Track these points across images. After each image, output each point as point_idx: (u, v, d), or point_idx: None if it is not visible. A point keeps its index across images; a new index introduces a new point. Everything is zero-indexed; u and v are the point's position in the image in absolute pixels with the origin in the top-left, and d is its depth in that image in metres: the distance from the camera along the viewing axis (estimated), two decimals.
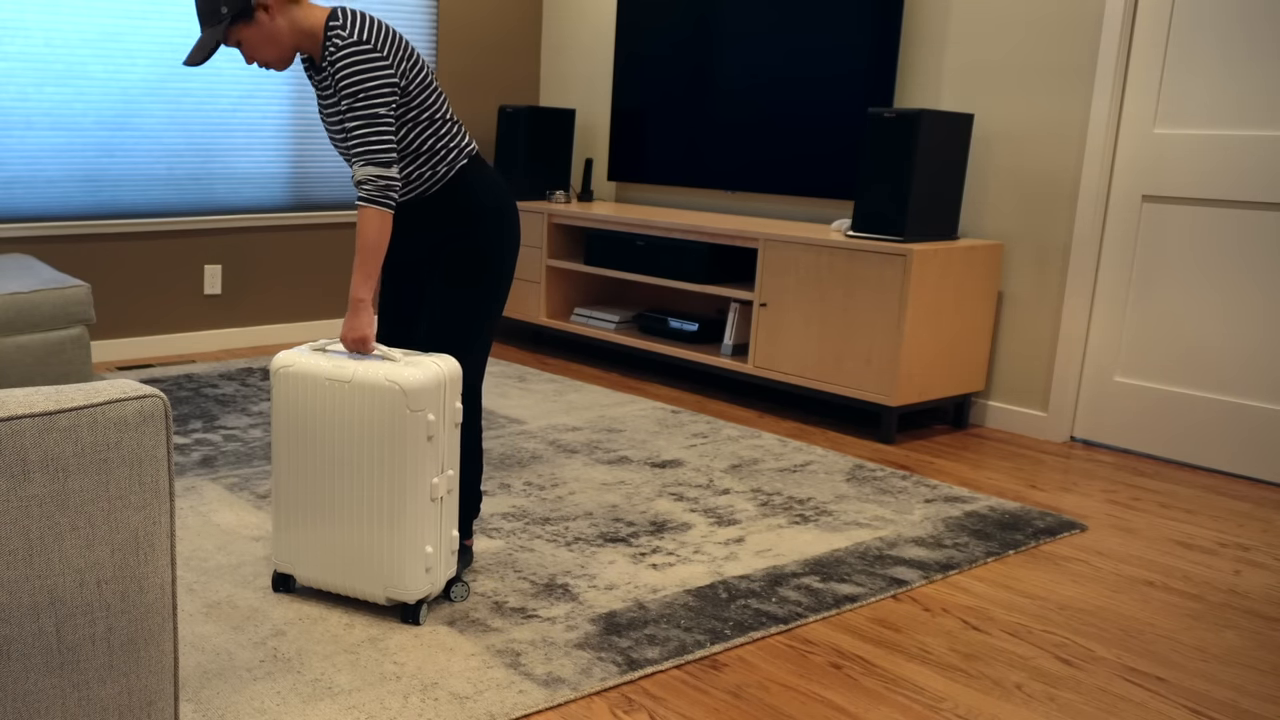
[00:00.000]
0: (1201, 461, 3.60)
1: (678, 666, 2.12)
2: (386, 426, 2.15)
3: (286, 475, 2.27)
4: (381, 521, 2.19)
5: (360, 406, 2.17)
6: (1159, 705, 2.07)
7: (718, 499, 3.07)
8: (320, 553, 2.26)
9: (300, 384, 2.23)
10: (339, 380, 2.19)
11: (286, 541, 2.30)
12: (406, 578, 2.20)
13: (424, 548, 2.21)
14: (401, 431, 2.14)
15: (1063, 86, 3.73)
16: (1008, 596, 2.53)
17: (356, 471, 2.19)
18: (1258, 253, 3.43)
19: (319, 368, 2.21)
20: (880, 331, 3.68)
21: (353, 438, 2.19)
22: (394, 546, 2.19)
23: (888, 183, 3.69)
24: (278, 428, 2.27)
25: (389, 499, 2.18)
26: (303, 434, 2.24)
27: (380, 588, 2.22)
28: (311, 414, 2.22)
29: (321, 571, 2.27)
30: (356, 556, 2.23)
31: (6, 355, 3.03)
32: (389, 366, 2.16)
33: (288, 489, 2.27)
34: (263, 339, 4.95)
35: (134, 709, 1.31)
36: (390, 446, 2.16)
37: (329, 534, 2.25)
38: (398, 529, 2.18)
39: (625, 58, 5.10)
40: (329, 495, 2.23)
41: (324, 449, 2.22)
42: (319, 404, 2.21)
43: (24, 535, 1.19)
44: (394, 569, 2.20)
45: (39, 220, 4.28)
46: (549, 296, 4.91)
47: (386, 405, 2.14)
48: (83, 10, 4.23)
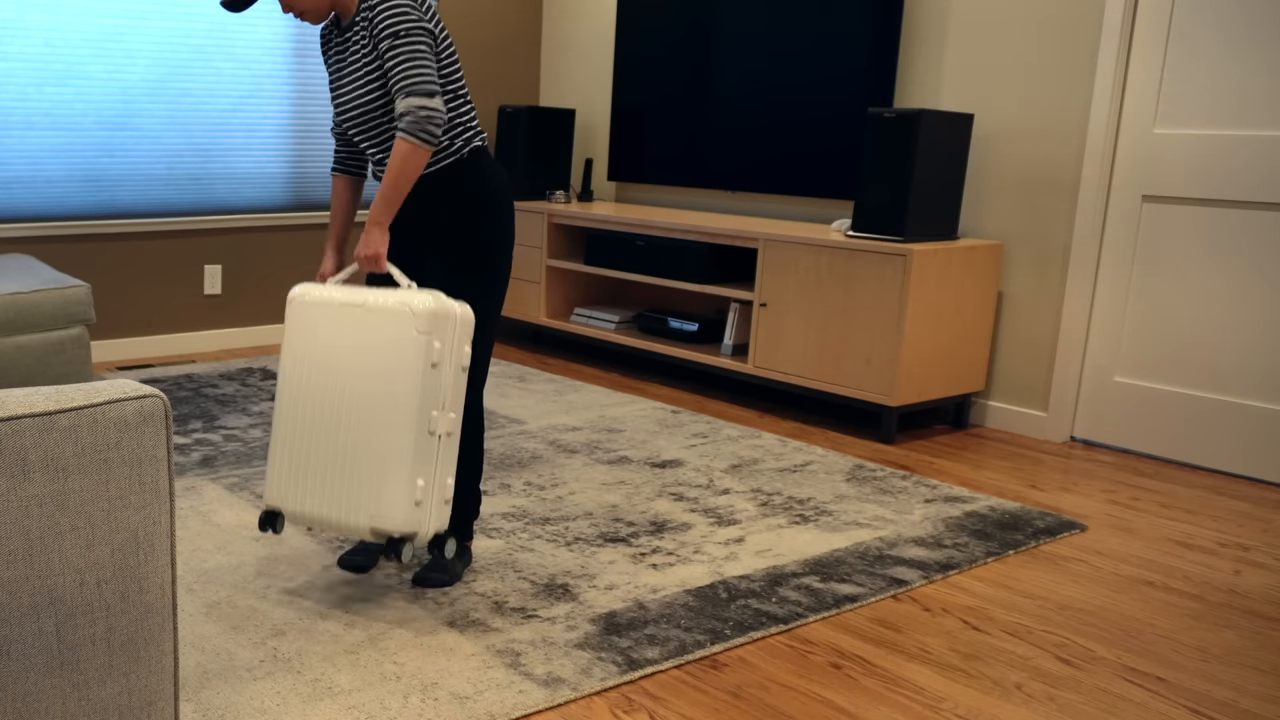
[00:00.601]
0: (1201, 461, 3.60)
1: (678, 666, 2.12)
2: (392, 348, 2.14)
3: (287, 407, 2.25)
4: (374, 447, 2.15)
5: (370, 330, 2.16)
6: (1159, 705, 2.07)
7: (718, 499, 3.07)
8: (310, 484, 2.22)
9: (314, 312, 2.23)
10: (353, 305, 2.19)
11: (278, 477, 2.27)
12: (394, 507, 2.14)
13: (415, 480, 2.15)
14: (405, 353, 2.13)
15: (1063, 86, 3.73)
16: (1008, 596, 2.53)
17: (356, 396, 2.17)
18: (1257, 253, 3.43)
19: (334, 295, 2.23)
20: (880, 331, 3.68)
21: (358, 362, 2.17)
22: (384, 473, 2.14)
23: (888, 183, 3.69)
24: (286, 359, 2.26)
25: (385, 423, 2.14)
26: (310, 362, 2.22)
27: (365, 517, 2.16)
28: (321, 341, 2.22)
29: (309, 503, 2.22)
30: (345, 485, 2.18)
31: (6, 355, 3.03)
32: (403, 291, 2.18)
33: (286, 422, 2.25)
34: (263, 339, 4.95)
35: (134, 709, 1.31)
36: (392, 368, 2.14)
37: (321, 463, 2.21)
38: (390, 455, 2.14)
39: (625, 58, 5.10)
40: (326, 423, 2.20)
41: (328, 375, 2.20)
42: (330, 330, 2.21)
43: (24, 535, 1.19)
44: (381, 497, 2.14)
45: (39, 220, 4.28)
46: (549, 296, 4.91)
47: (395, 326, 2.14)
48: (83, 10, 4.23)
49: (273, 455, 2.29)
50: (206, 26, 4.54)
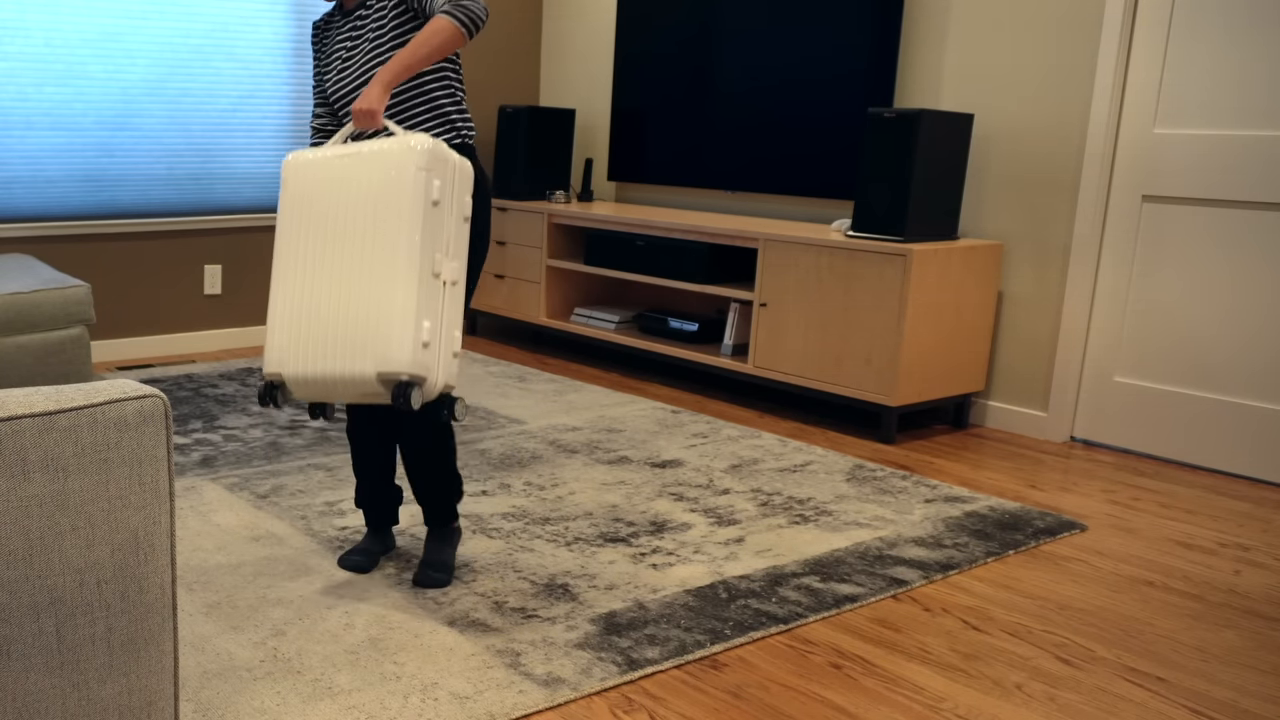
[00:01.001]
0: (1201, 461, 3.60)
1: (678, 666, 2.12)
2: (391, 186, 2.07)
3: (284, 270, 2.19)
4: (377, 290, 2.07)
5: (367, 172, 2.10)
6: (1159, 705, 2.07)
7: (718, 499, 3.07)
8: (311, 341, 2.14)
9: (307, 169, 2.18)
10: (347, 154, 2.14)
11: (276, 344, 2.18)
12: (400, 349, 2.04)
13: (421, 320, 2.06)
14: (405, 190, 2.06)
15: (1063, 86, 3.73)
16: (1008, 596, 2.53)
17: (356, 241, 2.11)
18: (1258, 253, 3.43)
19: (328, 151, 2.19)
20: (880, 331, 3.68)
21: (356, 206, 2.11)
22: (389, 315, 2.06)
23: (888, 183, 3.69)
24: (281, 222, 2.20)
25: (387, 264, 2.07)
26: (305, 218, 2.17)
27: (371, 362, 2.06)
28: (317, 194, 2.16)
29: (311, 362, 2.13)
30: (349, 334, 2.09)
31: (6, 355, 3.03)
32: (398, 138, 2.11)
33: (283, 285, 2.18)
34: (263, 339, 4.95)
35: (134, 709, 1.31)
36: (392, 207, 2.07)
37: (322, 317, 2.13)
38: (394, 296, 2.06)
39: (625, 58, 5.10)
40: (325, 274, 2.14)
41: (325, 226, 2.14)
42: (325, 182, 2.16)
43: (24, 535, 1.19)
44: (388, 339, 2.05)
45: (39, 220, 4.28)
46: (549, 296, 4.91)
47: (393, 165, 2.07)
48: (83, 10, 4.23)
49: (271, 325, 2.19)
50: (206, 26, 4.54)
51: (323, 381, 2.14)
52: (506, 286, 5.09)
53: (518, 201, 5.08)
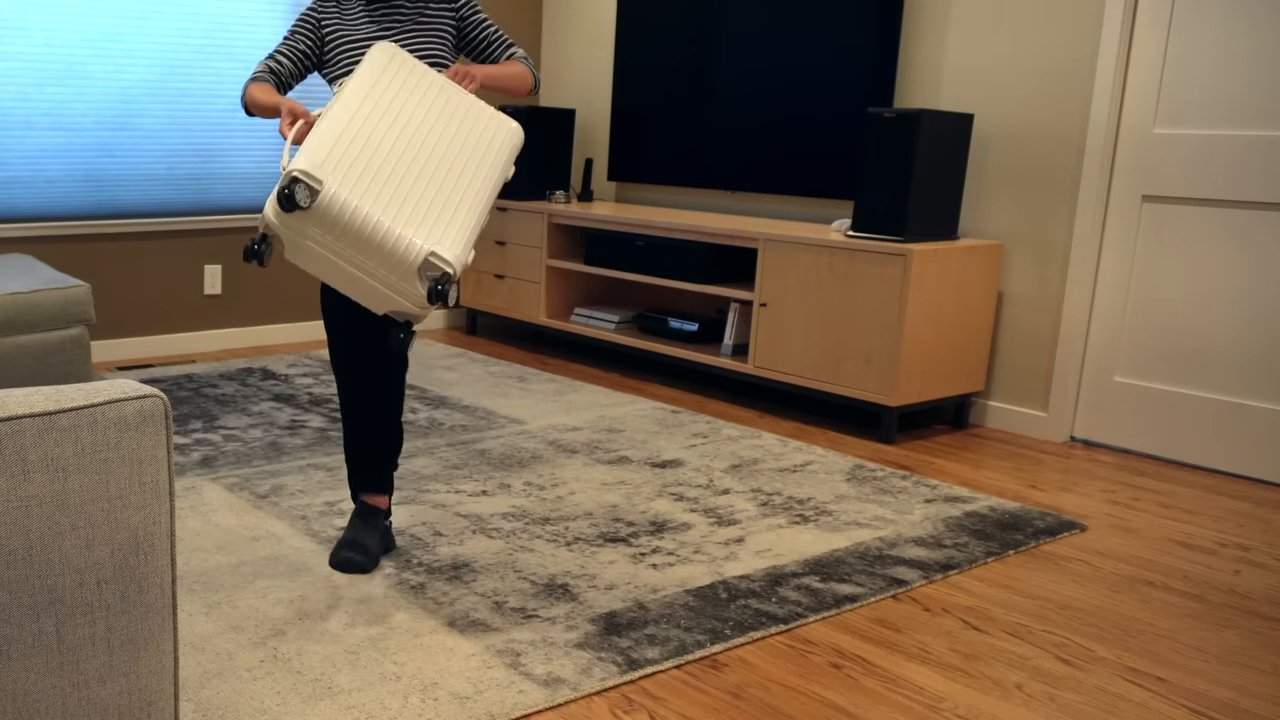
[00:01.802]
0: (1201, 461, 3.60)
1: (678, 666, 2.12)
2: (489, 136, 2.26)
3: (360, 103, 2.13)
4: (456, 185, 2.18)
5: (474, 116, 2.27)
6: (1159, 705, 2.07)
7: (718, 499, 3.07)
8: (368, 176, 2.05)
9: (414, 69, 2.26)
10: (457, 91, 2.29)
11: (328, 150, 2.03)
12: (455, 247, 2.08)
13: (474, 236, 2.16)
14: (500, 147, 2.27)
15: (1063, 86, 3.73)
16: (1008, 596, 2.53)
17: (447, 140, 2.22)
18: (1258, 253, 3.43)
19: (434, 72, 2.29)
20: (880, 331, 3.68)
21: (458, 125, 2.24)
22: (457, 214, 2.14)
23: (888, 183, 3.69)
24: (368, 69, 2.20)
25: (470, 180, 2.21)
26: (399, 87, 2.22)
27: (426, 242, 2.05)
28: (417, 84, 2.24)
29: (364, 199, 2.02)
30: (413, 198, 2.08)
31: (6, 355, 3.03)
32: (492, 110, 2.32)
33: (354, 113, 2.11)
34: (263, 339, 4.95)
35: (134, 709, 1.31)
36: (487, 157, 2.25)
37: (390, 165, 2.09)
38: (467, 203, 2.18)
39: (625, 58, 5.10)
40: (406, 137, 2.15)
41: (417, 108, 2.22)
42: (427, 89, 2.25)
43: (24, 535, 1.19)
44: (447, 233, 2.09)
45: (39, 220, 4.28)
46: (549, 296, 4.91)
47: (497, 126, 2.29)
48: (83, 10, 4.23)
49: (323, 131, 2.06)
50: (206, 26, 4.54)
51: (368, 225, 2.01)
52: (506, 286, 5.09)
53: (518, 201, 5.08)
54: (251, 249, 2.05)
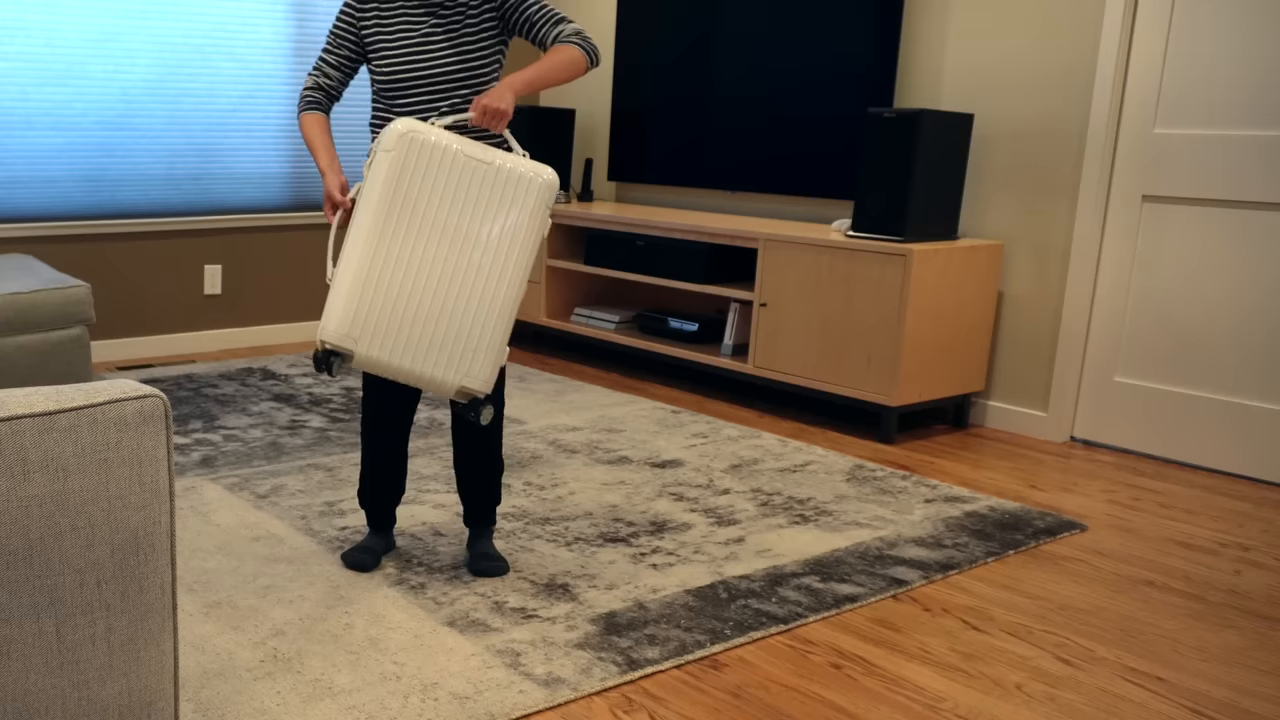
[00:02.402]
0: (1201, 461, 3.60)
1: (678, 666, 2.12)
2: (519, 215, 2.18)
3: (374, 243, 2.15)
4: (478, 306, 2.17)
5: (495, 191, 2.17)
6: (1159, 705, 2.07)
7: (718, 499, 3.07)
8: (395, 331, 2.15)
9: (429, 154, 2.17)
10: (481, 160, 2.18)
11: (351, 314, 2.14)
12: (485, 367, 2.19)
13: (505, 343, 2.22)
14: (529, 221, 2.18)
15: (1063, 86, 3.73)
16: (1008, 596, 2.53)
17: (469, 252, 2.17)
18: (1258, 253, 3.43)
19: (456, 144, 2.18)
20: (880, 331, 3.68)
21: (478, 220, 2.17)
22: (483, 333, 2.18)
23: (887, 183, 3.69)
24: (381, 193, 2.16)
25: (494, 287, 2.17)
26: (417, 204, 2.16)
27: (456, 374, 2.17)
28: (431, 188, 2.17)
29: (390, 351, 2.16)
30: (438, 341, 2.16)
31: (6, 355, 3.03)
32: (522, 159, 2.21)
33: (370, 257, 2.15)
34: (263, 339, 4.95)
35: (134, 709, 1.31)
36: (515, 236, 2.18)
37: (414, 313, 2.15)
38: (492, 318, 2.18)
39: (625, 58, 5.10)
40: (426, 272, 2.16)
41: (434, 224, 2.16)
42: (446, 178, 2.17)
43: (24, 535, 1.19)
44: (475, 356, 2.18)
45: (39, 220, 4.28)
46: (549, 296, 4.91)
47: (523, 193, 2.18)
48: (83, 10, 4.23)
49: (346, 288, 2.14)
50: (206, 26, 4.54)
51: (398, 372, 2.18)
52: None
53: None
54: (323, 363, 2.18)
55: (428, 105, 2.37)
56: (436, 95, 2.36)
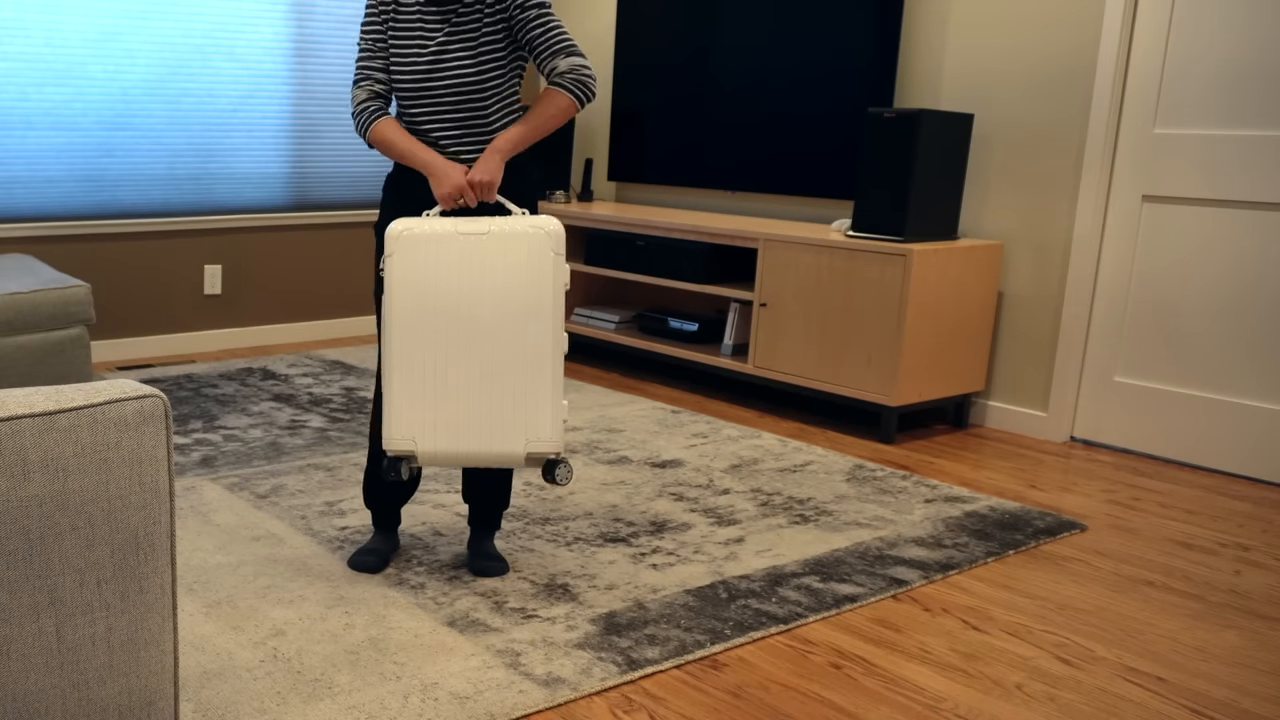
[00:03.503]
0: (1201, 461, 3.60)
1: (678, 666, 2.12)
2: (531, 272, 2.15)
3: (406, 345, 2.19)
4: (519, 372, 2.17)
5: (500, 257, 2.15)
6: (1159, 705, 2.07)
7: (718, 499, 3.07)
8: (448, 421, 2.19)
9: (426, 245, 2.17)
10: (475, 234, 2.16)
11: (403, 419, 2.20)
12: (548, 428, 2.17)
13: (561, 399, 2.20)
14: (547, 275, 2.15)
15: (1063, 86, 3.73)
16: (1008, 596, 2.53)
17: (493, 322, 2.17)
18: (1258, 253, 3.43)
19: (448, 226, 2.18)
20: (880, 331, 3.68)
21: (491, 288, 2.16)
22: (534, 396, 2.17)
23: (887, 183, 3.69)
24: (396, 298, 2.19)
25: (532, 348, 2.16)
26: (431, 294, 2.18)
27: (521, 443, 2.18)
28: (443, 271, 2.17)
29: (450, 441, 2.20)
30: (493, 415, 2.18)
31: (6, 355, 3.03)
32: (518, 218, 2.19)
33: (407, 360, 2.19)
34: (263, 339, 4.95)
35: (134, 709, 1.31)
36: (534, 293, 2.15)
37: (460, 398, 2.19)
38: (537, 377, 2.17)
39: (625, 58, 5.10)
40: (460, 353, 2.18)
41: (457, 305, 2.17)
42: (452, 260, 2.17)
43: (24, 535, 1.19)
44: (537, 420, 2.17)
45: (39, 220, 4.28)
46: None
47: (531, 251, 2.15)
48: (83, 10, 4.23)
49: (393, 397, 2.21)
50: (206, 26, 4.54)
51: (464, 458, 2.22)
52: None
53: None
54: (391, 469, 2.25)
55: (444, 114, 2.35)
56: (453, 104, 2.34)
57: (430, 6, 2.33)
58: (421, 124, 2.37)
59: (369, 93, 2.38)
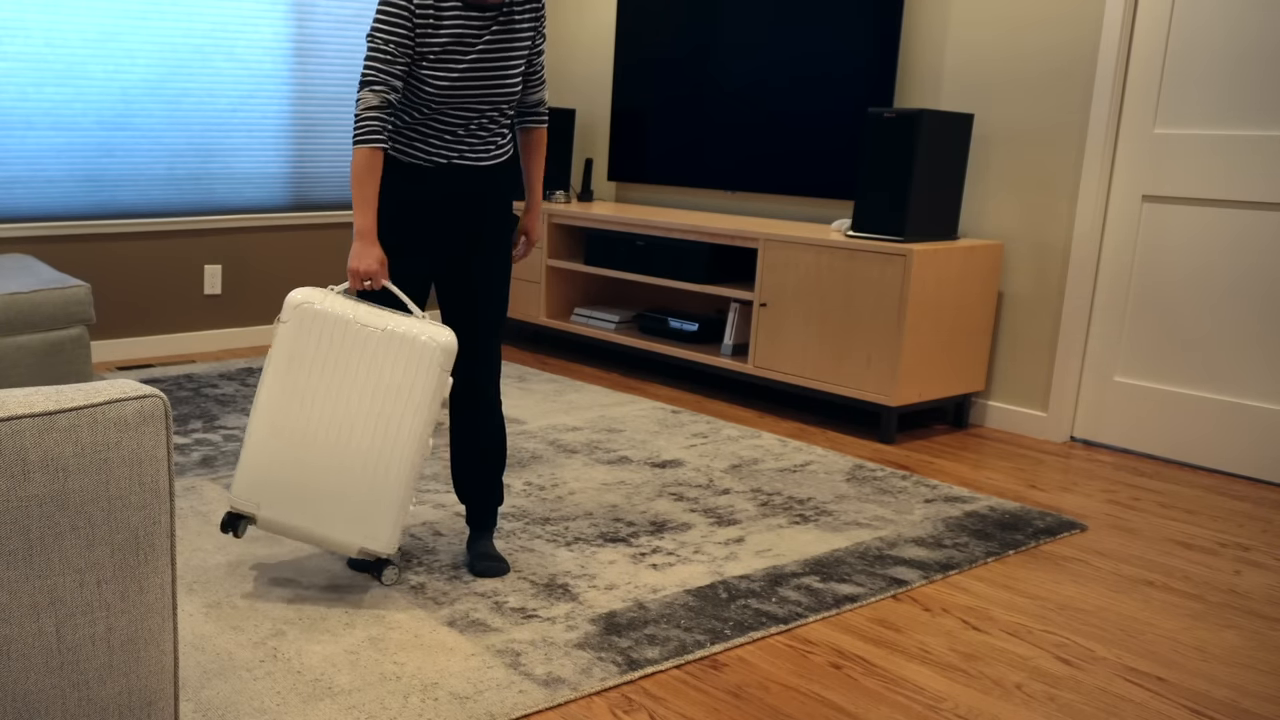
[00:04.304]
0: (1201, 461, 3.60)
1: (678, 666, 2.12)
2: (414, 380, 2.19)
3: (274, 412, 2.23)
4: (378, 471, 2.20)
5: (389, 356, 2.19)
6: (1159, 705, 2.07)
7: (718, 499, 3.07)
8: (294, 494, 2.24)
9: (321, 324, 2.22)
10: (373, 326, 2.20)
11: (254, 480, 2.25)
12: (386, 529, 2.22)
13: (408, 504, 2.24)
14: (425, 386, 2.19)
15: (1063, 86, 3.73)
16: (1008, 596, 2.53)
17: (365, 418, 2.20)
18: (1258, 253, 3.43)
19: (347, 311, 2.21)
20: (880, 331, 3.68)
21: (371, 387, 2.20)
22: (383, 496, 2.21)
23: (887, 183, 3.69)
24: (278, 361, 2.23)
25: (393, 450, 2.20)
26: (316, 374, 2.22)
27: (359, 537, 2.22)
28: (325, 355, 2.21)
29: (291, 514, 2.24)
30: (338, 504, 2.22)
31: (6, 355, 3.02)
32: (417, 320, 2.22)
33: (271, 426, 2.23)
34: (263, 339, 4.95)
35: (134, 709, 1.31)
36: (410, 399, 2.19)
37: (312, 476, 2.23)
38: (391, 480, 2.21)
39: (625, 57, 5.10)
40: (322, 437, 2.22)
41: (330, 390, 2.21)
42: (338, 347, 2.21)
43: (24, 535, 1.19)
44: (377, 522, 2.22)
45: (39, 220, 4.28)
46: (549, 296, 4.91)
47: (419, 360, 2.19)
48: (83, 10, 4.23)
49: (250, 456, 2.25)
50: (206, 26, 4.54)
51: (299, 534, 2.27)
52: None
53: (518, 202, 5.08)
54: (228, 525, 2.29)
55: (472, 121, 2.34)
56: (482, 111, 2.34)
57: (472, 13, 2.26)
58: (445, 131, 2.34)
59: (381, 99, 2.23)
